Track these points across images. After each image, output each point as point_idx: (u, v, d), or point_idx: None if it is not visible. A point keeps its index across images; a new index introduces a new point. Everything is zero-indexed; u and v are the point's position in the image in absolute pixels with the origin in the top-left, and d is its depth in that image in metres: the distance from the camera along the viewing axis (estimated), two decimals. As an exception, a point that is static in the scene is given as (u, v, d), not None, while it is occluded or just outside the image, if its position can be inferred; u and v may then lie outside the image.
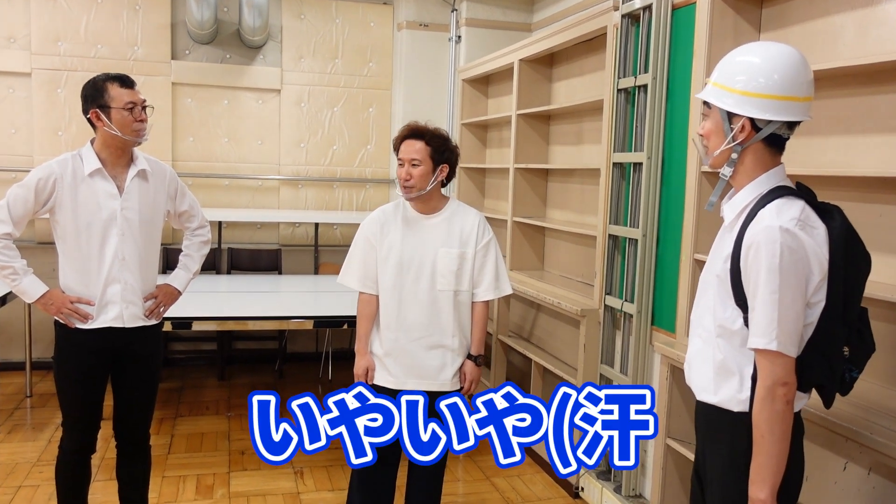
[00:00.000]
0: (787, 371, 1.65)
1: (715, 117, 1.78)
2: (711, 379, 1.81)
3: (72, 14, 5.27)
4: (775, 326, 1.63)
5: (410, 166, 2.67)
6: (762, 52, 1.76)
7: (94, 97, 2.56)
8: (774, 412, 1.65)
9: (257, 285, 5.04)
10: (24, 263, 2.62)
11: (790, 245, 1.62)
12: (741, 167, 1.77)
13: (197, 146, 5.64)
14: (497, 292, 2.82)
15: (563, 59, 4.49)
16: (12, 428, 4.26)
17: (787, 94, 1.70)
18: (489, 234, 2.81)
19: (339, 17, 5.77)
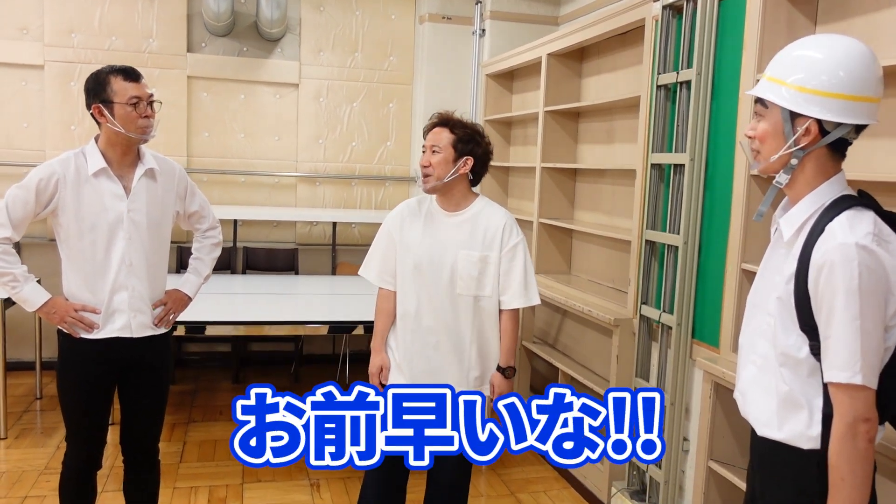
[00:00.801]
0: (868, 406, 1.47)
1: (773, 118, 1.58)
2: (775, 412, 1.61)
3: (86, 5, 5.13)
4: (859, 358, 1.44)
5: (431, 153, 2.54)
6: (828, 45, 1.56)
7: (97, 91, 2.39)
8: (856, 452, 1.46)
9: (273, 286, 4.88)
10: (24, 269, 2.45)
11: (869, 264, 1.44)
12: (801, 175, 1.59)
13: (212, 141, 5.48)
14: (525, 300, 2.59)
15: (594, 54, 4.29)
16: (20, 432, 4.13)
17: (859, 93, 1.51)
18: (516, 236, 2.60)
19: (359, 9, 5.59)
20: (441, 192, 2.58)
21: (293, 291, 4.87)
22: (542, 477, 3.87)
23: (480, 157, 2.59)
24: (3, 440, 4.00)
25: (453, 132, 2.55)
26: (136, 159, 2.51)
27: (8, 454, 3.84)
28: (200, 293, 2.81)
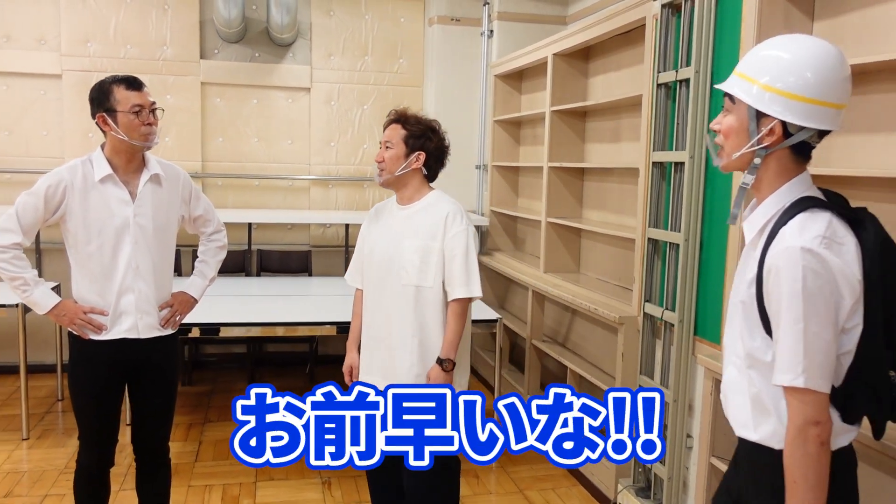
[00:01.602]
0: (818, 409, 1.46)
1: (739, 114, 1.58)
2: (749, 414, 1.62)
3: (101, 14, 5.23)
4: (801, 360, 1.44)
5: (384, 149, 2.63)
6: (798, 46, 1.55)
7: (101, 101, 2.47)
8: (807, 455, 1.46)
9: (287, 288, 4.94)
10: (34, 274, 2.53)
11: (814, 267, 1.43)
12: (764, 175, 1.58)
13: (227, 146, 5.57)
14: (465, 291, 2.56)
15: (599, 53, 4.31)
16: (42, 433, 4.23)
17: (825, 98, 1.50)
18: (459, 226, 2.58)
19: (368, 12, 5.65)
20: (394, 186, 2.66)
21: (307, 293, 4.93)
22: (550, 475, 3.89)
23: (433, 152, 2.63)
24: (26, 440, 4.10)
25: (405, 128, 2.62)
26: (142, 165, 2.58)
27: (30, 454, 3.94)
28: (217, 295, 2.89)
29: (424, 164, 2.63)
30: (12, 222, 2.47)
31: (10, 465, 3.79)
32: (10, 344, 5.15)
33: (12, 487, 3.54)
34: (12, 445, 4.03)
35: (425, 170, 2.65)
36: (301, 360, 5.65)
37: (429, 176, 2.69)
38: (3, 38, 5.15)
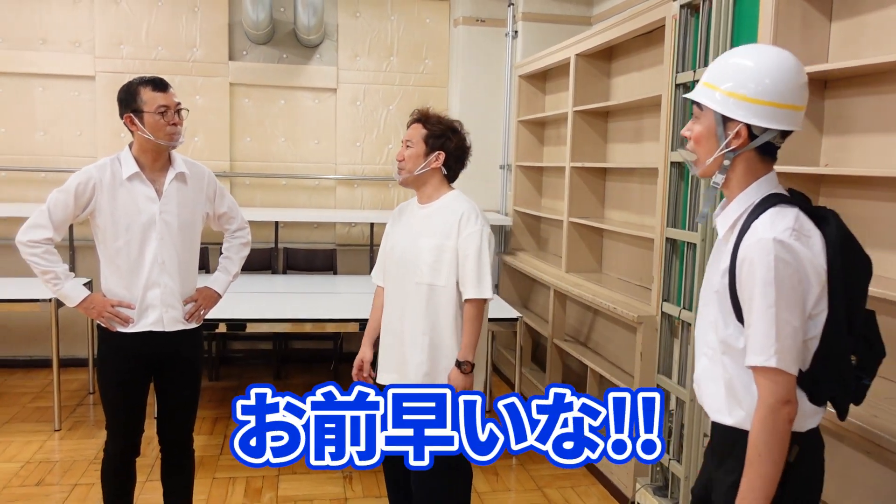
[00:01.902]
0: (788, 389, 1.57)
1: (707, 121, 1.69)
2: (724, 400, 1.72)
3: (133, 18, 5.36)
4: (773, 342, 1.55)
5: (404, 147, 2.64)
6: (757, 54, 1.67)
7: (128, 101, 2.55)
8: (776, 432, 1.57)
9: (312, 286, 5.02)
10: (65, 268, 2.62)
11: (784, 257, 1.54)
12: (733, 175, 1.69)
13: (254, 146, 5.67)
14: (476, 292, 2.54)
15: (621, 53, 4.32)
16: (73, 424, 4.35)
17: (784, 101, 1.62)
18: (473, 226, 2.56)
19: (394, 14, 5.71)
20: (414, 184, 2.68)
21: (332, 290, 5.01)
22: (569, 473, 3.91)
23: (453, 152, 2.63)
24: (58, 431, 4.22)
25: (426, 127, 2.62)
26: (168, 164, 2.66)
27: (62, 444, 4.06)
28: (243, 292, 2.95)
29: (444, 164, 2.63)
30: (44, 218, 2.56)
31: (42, 454, 3.91)
32: (43, 338, 5.30)
33: (44, 476, 3.66)
34: (45, 436, 4.15)
35: (445, 170, 2.65)
36: (326, 357, 5.73)
37: (449, 176, 2.69)
38: (40, 40, 5.30)
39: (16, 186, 5.38)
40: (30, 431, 4.21)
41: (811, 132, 2.62)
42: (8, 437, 4.12)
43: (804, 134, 2.59)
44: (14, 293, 4.37)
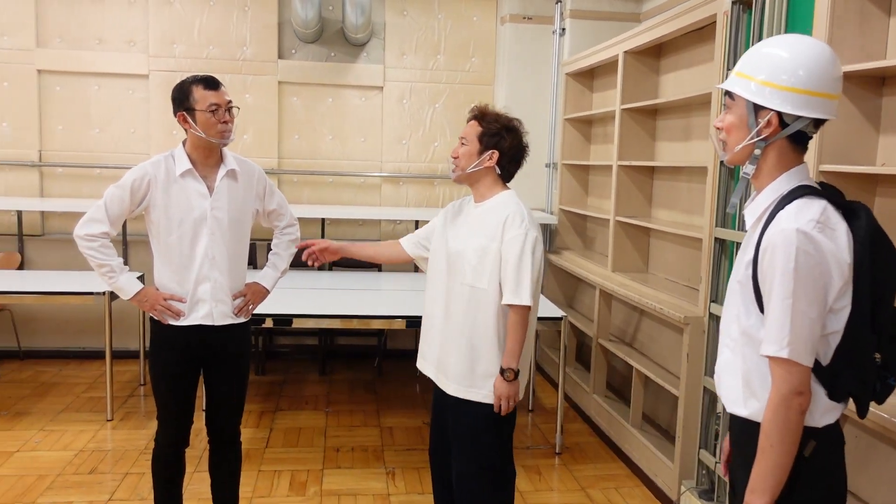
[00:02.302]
0: (802, 381, 1.56)
1: (739, 110, 1.69)
2: (740, 391, 1.71)
3: (186, 17, 5.47)
4: (787, 333, 1.54)
5: (460, 144, 2.61)
6: (790, 45, 1.66)
7: (181, 100, 2.61)
8: (788, 422, 1.57)
9: (358, 282, 5.07)
10: (120, 262, 2.69)
11: (806, 249, 1.53)
12: (763, 165, 1.68)
13: (302, 144, 5.74)
14: (514, 297, 2.43)
15: (671, 50, 4.25)
16: (125, 415, 4.46)
17: (818, 90, 1.61)
18: (517, 229, 2.46)
19: (441, 12, 5.72)
20: (467, 182, 2.64)
21: (377, 287, 5.04)
22: (613, 474, 3.88)
23: (507, 151, 2.56)
24: (110, 421, 4.34)
25: (482, 125, 2.57)
26: (219, 161, 2.71)
27: (114, 434, 4.17)
28: (290, 288, 2.99)
29: (497, 164, 2.56)
30: (101, 212, 2.64)
31: (94, 443, 4.02)
32: (97, 330, 5.45)
33: (96, 465, 3.76)
34: (97, 426, 4.27)
35: (498, 169, 2.58)
36: (370, 354, 5.78)
37: (503, 175, 2.61)
38: (96, 40, 5.45)
39: (72, 182, 5.54)
40: (83, 421, 4.33)
41: (868, 131, 2.55)
42: (63, 425, 4.25)
43: (860, 132, 2.52)
44: (69, 286, 4.49)
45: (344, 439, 4.22)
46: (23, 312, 5.52)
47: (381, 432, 4.35)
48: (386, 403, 4.84)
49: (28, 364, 5.40)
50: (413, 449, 4.11)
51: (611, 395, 4.54)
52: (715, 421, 3.19)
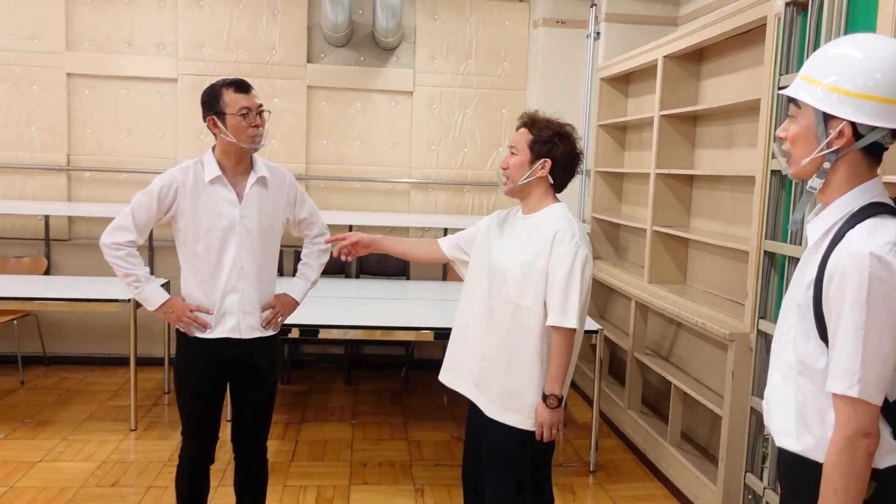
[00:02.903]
0: (870, 420, 1.44)
1: (806, 119, 1.54)
2: (793, 423, 1.57)
3: (215, 20, 5.41)
4: (858, 369, 1.42)
5: (509, 154, 2.44)
6: (865, 45, 1.50)
7: (211, 104, 2.52)
8: (854, 466, 1.44)
9: (385, 291, 4.96)
10: (146, 271, 2.61)
11: (880, 275, 1.40)
12: (833, 179, 1.54)
13: (330, 148, 5.65)
14: (559, 319, 2.28)
15: (713, 55, 4.10)
16: (149, 425, 4.39)
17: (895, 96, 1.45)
18: (566, 245, 2.30)
19: (472, 15, 5.61)
20: (518, 194, 2.47)
21: (404, 297, 4.93)
22: (651, 494, 3.73)
23: (560, 159, 2.40)
24: (133, 431, 4.26)
25: (532, 132, 2.41)
26: (250, 167, 2.61)
27: (137, 445, 4.09)
28: (316, 297, 2.88)
29: (550, 173, 2.40)
30: (127, 221, 2.55)
31: (118, 454, 3.94)
32: (121, 336, 5.40)
33: (119, 477, 3.68)
34: (121, 435, 4.20)
35: (551, 178, 2.42)
36: (397, 363, 5.67)
37: (556, 185, 2.45)
38: (125, 43, 5.41)
39: (99, 186, 5.50)
40: (107, 430, 4.26)
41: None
42: (86, 435, 4.18)
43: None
44: (95, 293, 4.43)
45: (371, 453, 4.11)
46: (48, 318, 5.48)
47: (409, 446, 4.23)
48: (413, 415, 4.72)
49: (53, 370, 5.36)
50: (442, 464, 3.99)
51: (646, 411, 4.38)
52: (762, 444, 3.03)
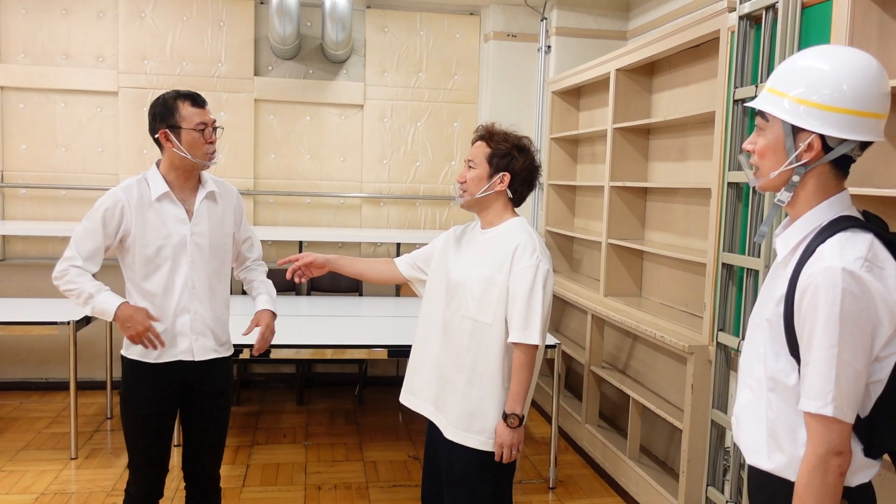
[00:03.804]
0: (842, 439, 1.42)
1: (774, 132, 1.53)
2: (764, 441, 1.54)
3: (158, 32, 5.25)
4: (832, 388, 1.39)
5: (467, 168, 2.39)
6: (832, 56, 1.49)
7: (164, 116, 2.39)
8: (826, 485, 1.41)
9: (337, 308, 4.85)
10: (94, 284, 2.39)
11: (854, 291, 1.38)
12: (801, 192, 1.53)
13: (279, 163, 5.52)
14: (521, 336, 2.23)
15: (664, 68, 4.13)
16: (90, 452, 4.18)
17: (863, 108, 1.45)
18: (528, 260, 2.26)
19: (423, 28, 5.57)
20: (476, 208, 2.43)
21: (358, 313, 4.83)
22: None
23: (519, 173, 2.37)
24: (74, 460, 4.05)
25: (490, 146, 2.37)
26: (197, 183, 2.50)
27: (78, 474, 3.89)
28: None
29: (509, 187, 2.38)
30: (71, 251, 2.39)
31: (57, 485, 3.73)
32: (60, 360, 5.16)
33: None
34: (60, 465, 3.98)
35: (510, 192, 2.39)
36: (350, 381, 5.55)
37: (514, 199, 2.43)
38: (62, 56, 5.20)
39: (36, 204, 5.25)
40: (45, 460, 4.04)
41: (890, 151, 2.42)
42: (23, 465, 3.95)
43: (882, 153, 2.39)
44: (32, 315, 4.21)
45: (326, 476, 3.98)
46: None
47: (365, 467, 4.12)
48: (368, 435, 4.61)
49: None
50: (399, 485, 3.89)
51: (604, 425, 4.36)
52: (723, 456, 3.02)
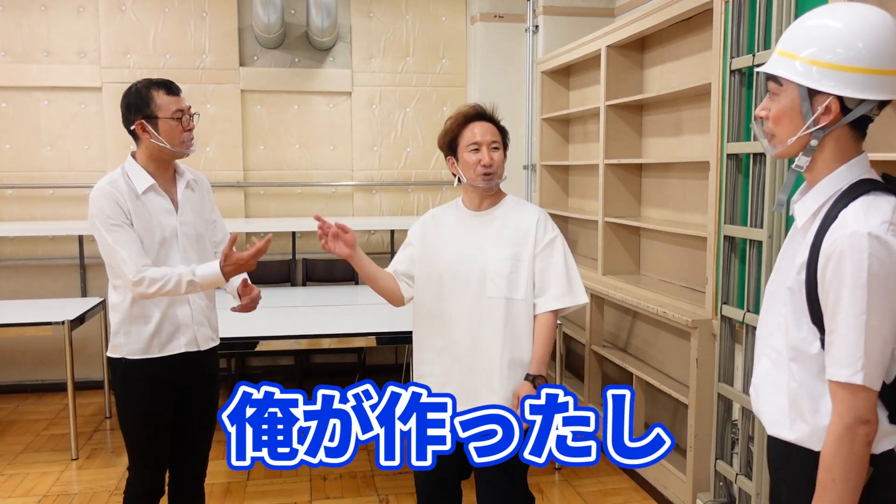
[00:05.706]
0: (869, 407, 1.39)
1: (789, 96, 1.47)
2: (786, 411, 1.52)
3: (140, 25, 5.17)
4: (861, 355, 1.35)
5: (492, 150, 2.30)
6: (844, 14, 1.43)
7: (140, 107, 2.32)
8: (853, 455, 1.38)
9: (333, 298, 4.81)
10: (178, 268, 2.30)
11: (880, 256, 1.34)
12: (819, 157, 1.48)
13: (268, 154, 5.46)
14: (571, 299, 2.30)
15: (655, 43, 4.10)
16: (91, 452, 4.13)
17: (881, 66, 1.39)
18: (552, 231, 2.34)
19: (409, 13, 5.51)
20: (491, 190, 2.37)
21: (353, 302, 4.79)
22: (619, 488, 3.69)
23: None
24: (75, 461, 4.01)
25: (498, 127, 2.37)
26: (174, 172, 2.46)
27: (80, 475, 3.85)
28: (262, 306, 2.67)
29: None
30: (127, 264, 2.26)
31: (59, 486, 3.69)
32: (56, 361, 5.10)
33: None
34: (62, 466, 3.94)
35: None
36: (350, 371, 5.51)
37: None
38: (43, 52, 5.11)
39: (24, 204, 5.18)
40: (46, 462, 3.99)
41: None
42: (23, 468, 3.91)
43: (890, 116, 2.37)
44: (26, 317, 4.15)
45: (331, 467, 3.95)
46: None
47: (370, 455, 4.08)
48: (371, 424, 4.58)
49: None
50: (406, 472, 3.85)
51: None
52: (731, 430, 3.02)
